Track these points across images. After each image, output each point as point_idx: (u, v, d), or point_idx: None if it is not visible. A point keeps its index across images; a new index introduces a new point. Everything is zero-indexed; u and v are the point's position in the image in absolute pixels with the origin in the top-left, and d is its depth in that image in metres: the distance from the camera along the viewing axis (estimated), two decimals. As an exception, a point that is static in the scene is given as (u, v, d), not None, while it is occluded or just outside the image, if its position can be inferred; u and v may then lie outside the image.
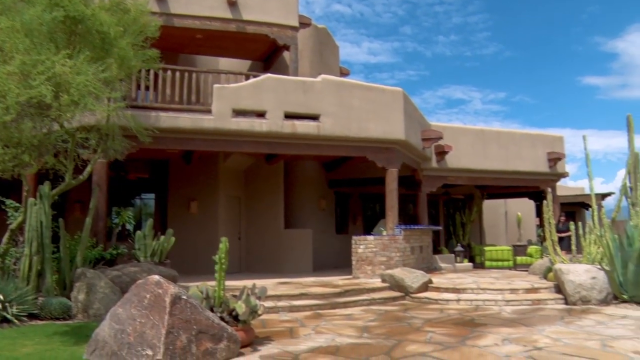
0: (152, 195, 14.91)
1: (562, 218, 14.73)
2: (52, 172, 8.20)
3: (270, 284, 10.55)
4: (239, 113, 11.07)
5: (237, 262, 14.37)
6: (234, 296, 6.26)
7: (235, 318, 5.84)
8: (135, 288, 5.29)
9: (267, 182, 14.77)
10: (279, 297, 8.89)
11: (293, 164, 15.66)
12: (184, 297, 5.19)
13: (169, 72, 11.24)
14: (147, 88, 11.18)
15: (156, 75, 11.29)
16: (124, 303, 5.23)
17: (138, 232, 10.22)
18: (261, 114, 11.19)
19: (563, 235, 14.75)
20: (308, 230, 14.74)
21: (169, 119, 10.53)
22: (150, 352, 4.76)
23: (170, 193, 14.26)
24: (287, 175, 15.42)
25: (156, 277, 5.30)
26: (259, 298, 6.21)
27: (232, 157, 13.81)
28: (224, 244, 5.98)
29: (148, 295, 5.12)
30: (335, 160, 15.24)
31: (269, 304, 8.47)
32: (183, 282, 9.44)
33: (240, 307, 5.82)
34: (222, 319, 5.75)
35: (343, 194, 17.73)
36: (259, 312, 6.07)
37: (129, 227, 14.55)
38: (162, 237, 10.31)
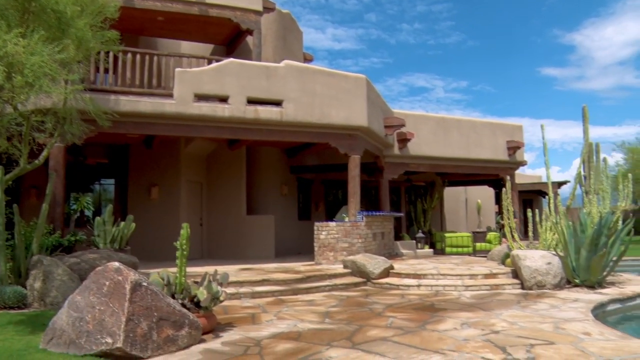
0: (112, 181, 14.62)
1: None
2: (5, 157, 7.92)
3: (232, 270, 10.46)
4: (201, 98, 10.89)
5: (199, 248, 14.23)
6: (196, 282, 6.19)
7: (196, 305, 5.78)
8: (94, 275, 5.17)
9: (230, 168, 14.62)
10: (241, 284, 8.84)
11: (255, 149, 15.54)
12: (145, 283, 5.10)
13: (129, 55, 10.95)
14: (106, 71, 10.86)
15: (116, 58, 10.98)
16: (82, 290, 5.11)
17: (97, 218, 9.98)
18: (224, 99, 11.04)
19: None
20: (270, 216, 14.69)
21: (129, 103, 10.28)
22: (110, 340, 4.67)
23: (130, 178, 13.98)
24: (250, 161, 15.32)
25: (116, 264, 5.19)
26: (220, 284, 6.16)
27: (194, 143, 13.62)
28: (185, 229, 5.89)
29: (107, 283, 5.01)
30: (298, 146, 15.19)
31: (230, 290, 8.41)
32: (144, 269, 9.28)
33: (202, 294, 5.76)
34: (183, 305, 5.69)
35: (305, 180, 17.72)
36: (221, 298, 6.02)
37: (88, 213, 14.23)
38: (123, 224, 10.09)
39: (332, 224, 12.11)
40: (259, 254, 14.25)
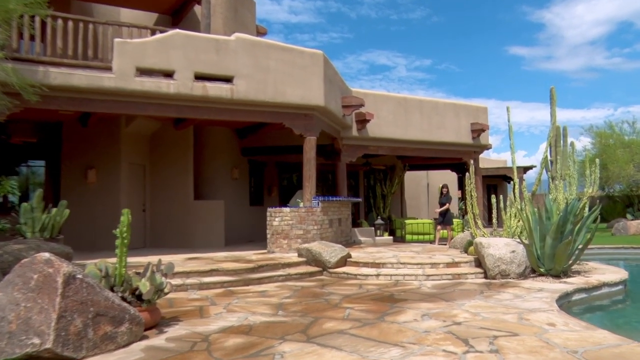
0: (42, 163, 14.10)
1: (445, 189, 15.29)
2: None
3: (178, 259, 10.37)
4: (143, 72, 10.61)
5: (142, 236, 14.03)
6: (138, 274, 6.06)
7: (138, 298, 5.65)
8: (19, 268, 4.94)
9: (175, 149, 14.39)
10: (187, 274, 8.74)
11: (204, 129, 15.37)
12: (79, 276, 4.93)
13: (59, 21, 10.46)
14: (32, 38, 10.28)
15: (44, 24, 10.47)
16: (4, 286, 4.87)
17: (24, 204, 9.62)
18: (169, 74, 10.81)
19: (443, 209, 14.93)
20: (220, 201, 14.60)
21: (61, 76, 9.89)
22: (37, 341, 4.47)
23: (64, 160, 13.53)
24: (197, 142, 15.14)
25: (46, 254, 4.99)
26: (165, 275, 6.04)
27: (136, 121, 13.29)
28: (125, 216, 5.73)
29: (36, 276, 4.80)
30: (249, 126, 15.14)
31: (176, 281, 8.31)
32: (79, 260, 9.04)
33: (144, 286, 5.64)
34: (123, 299, 5.55)
35: (258, 162, 17.68)
36: (165, 290, 5.91)
37: (13, 199, 13.67)
38: (54, 210, 9.77)
39: (286, 209, 12.12)
40: (208, 243, 14.14)
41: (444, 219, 14.86)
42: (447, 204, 14.86)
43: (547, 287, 8.10)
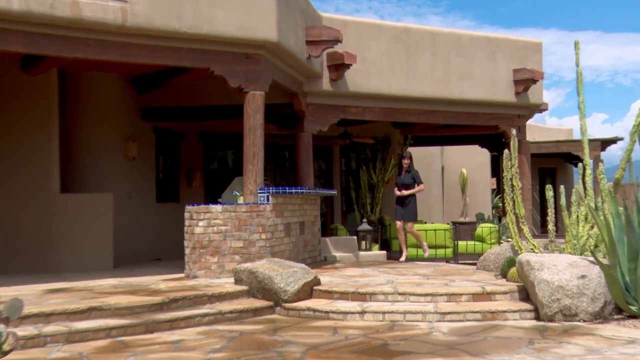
0: None
1: (406, 161, 15.36)
2: None
3: (31, 292, 10.17)
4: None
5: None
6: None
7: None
8: None
9: (27, 108, 13.98)
10: (47, 317, 8.48)
11: (77, 76, 15.04)
12: None
13: None
14: None
15: None
16: None
17: None
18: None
19: (406, 193, 15.18)
20: (106, 194, 14.37)
21: None
22: None
23: None
24: (67, 97, 14.80)
25: None
26: (4, 321, 5.68)
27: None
28: None
29: None
30: (155, 73, 14.84)
31: (27, 330, 8.02)
32: None
33: (-33, 341, 5.26)
34: None
35: (170, 133, 17.61)
36: (4, 347, 5.55)
37: None
38: None
39: (216, 208, 12.04)
40: (85, 263, 13.81)
41: (405, 209, 15.22)
42: (419, 185, 15.28)
43: (642, 337, 7.96)
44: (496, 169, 21.97)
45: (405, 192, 15.08)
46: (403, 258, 15.28)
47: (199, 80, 14.43)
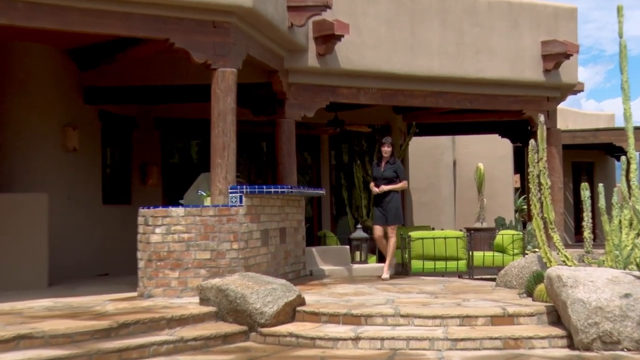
0: None
1: (386, 148, 14.98)
2: None
3: None
4: None
5: None
6: None
7: None
8: None
9: None
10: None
11: (1, 48, 15.01)
12: None
13: None
14: None
15: None
16: None
17: None
18: None
19: (386, 188, 14.80)
20: (38, 195, 14.19)
21: None
22: None
23: None
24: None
25: None
26: None
27: None
28: None
29: None
30: (101, 45, 14.76)
31: None
32: None
33: None
34: None
35: (120, 118, 17.58)
36: None
37: None
38: None
39: (176, 211, 11.92)
40: (12, 279, 13.64)
41: (386, 209, 14.85)
42: (401, 181, 15.02)
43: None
44: (520, 164, 22.17)
45: (385, 188, 14.67)
46: (386, 275, 14.82)
47: (157, 55, 14.44)
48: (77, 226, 15.76)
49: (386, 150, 14.94)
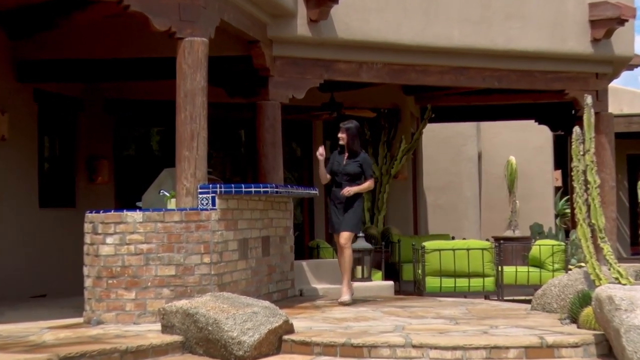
0: None
1: (342, 135, 13.39)
2: None
3: None
4: None
5: None
6: None
7: None
8: None
9: None
10: None
11: None
12: None
13: None
14: None
15: None
16: None
17: None
18: None
19: (353, 191, 13.22)
20: None
21: None
22: None
23: None
24: None
25: None
26: None
27: None
28: None
29: None
30: (37, 7, 14.20)
31: None
32: None
33: None
34: None
35: (61, 99, 17.02)
36: None
37: None
38: None
39: (133, 215, 11.41)
40: None
41: (343, 212, 13.32)
42: (367, 179, 13.52)
43: None
44: (562, 157, 21.24)
45: (352, 190, 13.01)
46: (346, 297, 13.07)
47: (107, 20, 13.69)
48: (6, 235, 14.97)
49: (341, 136, 13.36)
